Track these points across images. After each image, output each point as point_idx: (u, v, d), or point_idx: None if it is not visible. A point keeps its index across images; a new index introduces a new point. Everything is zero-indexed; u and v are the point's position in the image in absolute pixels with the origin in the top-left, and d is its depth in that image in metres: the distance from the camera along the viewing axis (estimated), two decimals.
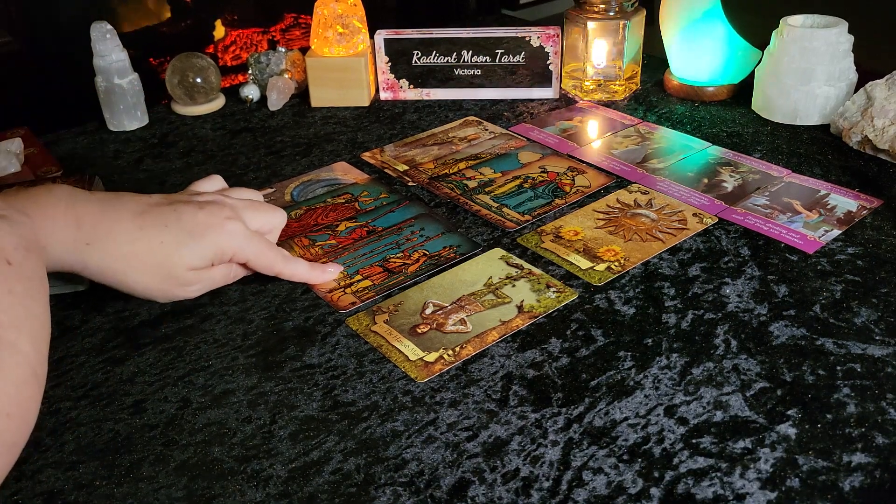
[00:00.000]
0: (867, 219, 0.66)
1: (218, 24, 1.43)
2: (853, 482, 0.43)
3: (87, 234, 0.52)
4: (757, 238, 0.64)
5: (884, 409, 0.47)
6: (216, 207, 0.56)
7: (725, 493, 0.42)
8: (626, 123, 0.86)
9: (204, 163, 0.82)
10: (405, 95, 0.96)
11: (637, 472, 0.44)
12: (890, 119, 0.75)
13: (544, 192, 0.73)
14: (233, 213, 0.57)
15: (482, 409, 0.48)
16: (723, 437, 0.46)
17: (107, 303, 0.60)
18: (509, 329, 0.55)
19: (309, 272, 0.60)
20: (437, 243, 0.65)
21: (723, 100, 0.91)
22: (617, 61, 0.91)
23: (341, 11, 0.91)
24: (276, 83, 0.94)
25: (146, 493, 0.44)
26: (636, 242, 0.64)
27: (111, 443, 0.47)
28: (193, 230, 0.54)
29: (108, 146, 0.87)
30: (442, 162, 0.79)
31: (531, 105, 0.93)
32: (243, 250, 0.57)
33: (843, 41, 0.81)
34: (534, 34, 0.91)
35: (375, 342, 0.54)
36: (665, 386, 0.50)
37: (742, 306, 0.56)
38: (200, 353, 0.54)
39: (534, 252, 0.64)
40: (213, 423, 0.48)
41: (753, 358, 0.52)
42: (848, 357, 0.51)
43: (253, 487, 0.44)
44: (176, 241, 0.54)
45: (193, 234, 0.54)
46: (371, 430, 0.47)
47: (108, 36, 0.86)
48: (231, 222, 0.56)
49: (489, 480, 0.44)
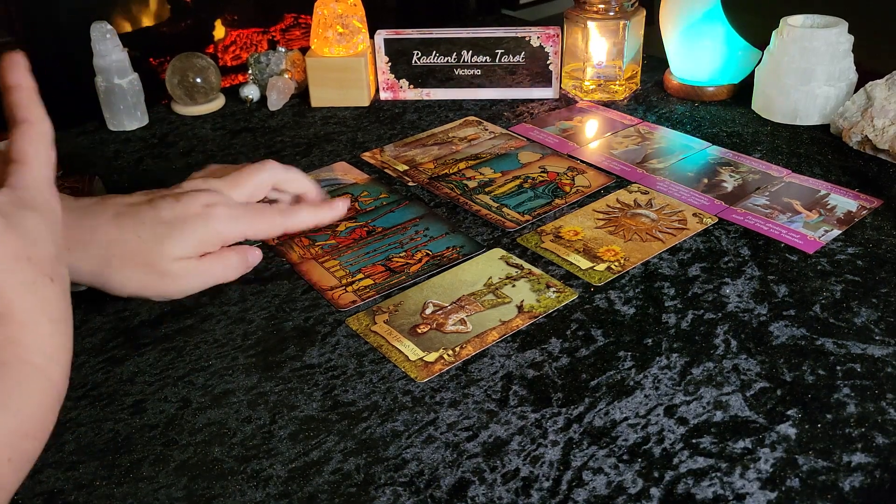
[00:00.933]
0: (867, 219, 0.66)
1: (218, 24, 1.43)
2: (853, 482, 0.43)
3: (68, 241, 0.51)
4: (757, 238, 0.64)
5: (884, 409, 0.47)
6: (193, 196, 0.55)
7: (725, 493, 0.42)
8: (626, 123, 0.86)
9: (204, 163, 0.82)
10: (405, 95, 0.96)
11: (637, 472, 0.44)
12: (890, 119, 0.75)
13: (544, 192, 0.73)
14: (212, 197, 0.55)
15: (482, 409, 0.48)
16: (723, 437, 0.46)
17: (107, 303, 0.60)
18: (509, 329, 0.55)
19: (315, 216, 0.59)
20: (441, 243, 0.65)
21: (723, 100, 0.91)
22: (617, 61, 0.91)
23: (341, 11, 0.91)
24: (276, 83, 0.94)
25: (146, 493, 0.44)
26: (636, 242, 0.64)
27: (111, 443, 0.47)
28: (172, 221, 0.53)
29: (108, 146, 0.87)
30: (442, 162, 0.79)
31: (531, 105, 0.93)
32: (232, 230, 0.55)
33: (843, 41, 0.81)
34: (534, 34, 0.91)
35: (375, 342, 0.54)
36: (665, 386, 0.50)
37: (742, 306, 0.56)
38: (200, 353, 0.54)
39: (534, 252, 0.64)
40: (213, 423, 0.48)
41: (753, 358, 0.52)
42: (848, 357, 0.51)
43: (253, 487, 0.44)
44: (154, 235, 0.52)
45: (173, 224, 0.53)
46: (371, 430, 0.47)
47: (108, 36, 0.86)
48: (212, 208, 0.54)
49: (489, 480, 0.44)
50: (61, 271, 0.38)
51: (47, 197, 0.39)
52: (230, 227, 0.55)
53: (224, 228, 0.55)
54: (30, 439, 0.35)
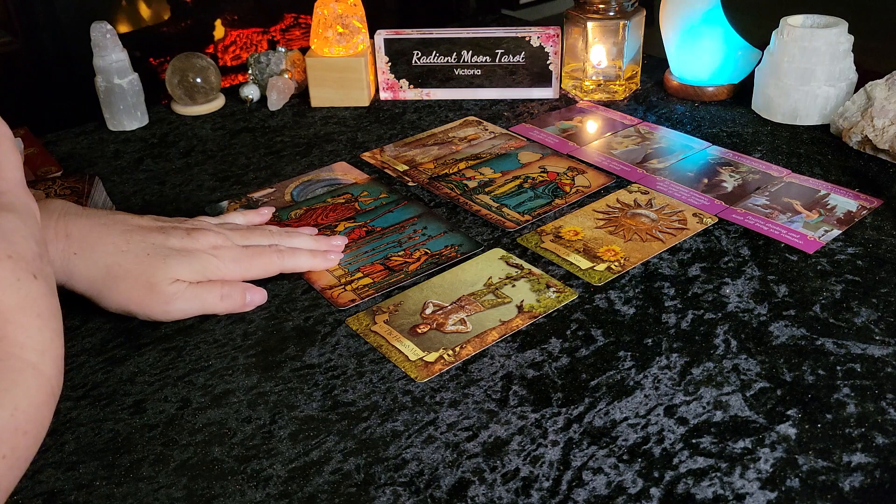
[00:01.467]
0: (867, 219, 0.66)
1: (218, 24, 1.43)
2: (853, 482, 0.43)
3: (76, 245, 0.53)
4: (757, 238, 0.64)
5: (884, 409, 0.47)
6: (204, 233, 0.58)
7: (725, 493, 0.42)
8: (626, 123, 0.86)
9: (204, 163, 0.82)
10: (405, 95, 0.96)
11: (637, 472, 0.44)
12: (890, 119, 0.75)
13: (544, 192, 0.73)
14: (220, 239, 0.58)
15: (482, 409, 0.48)
16: (723, 437, 0.46)
17: None
18: (509, 329, 0.55)
19: (313, 262, 0.61)
20: (439, 242, 0.65)
21: (723, 100, 0.91)
22: (617, 61, 0.91)
23: (341, 11, 0.91)
24: (276, 83, 0.94)
25: (146, 493, 0.44)
26: (636, 242, 0.64)
27: (111, 443, 0.47)
28: (180, 250, 0.56)
29: (108, 146, 0.87)
30: (442, 162, 0.79)
31: (531, 105, 0.93)
32: (233, 272, 0.57)
33: (843, 41, 0.81)
34: (534, 34, 0.91)
35: (375, 342, 0.54)
36: (665, 386, 0.50)
37: (742, 306, 0.56)
38: (200, 353, 0.54)
39: (534, 252, 0.64)
40: (213, 423, 0.48)
41: (753, 358, 0.52)
42: (848, 357, 0.51)
43: (253, 487, 0.44)
44: (162, 255, 0.55)
45: (180, 252, 0.56)
46: (371, 430, 0.47)
47: (108, 36, 0.86)
48: (219, 249, 0.57)
49: (489, 480, 0.44)
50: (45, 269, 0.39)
51: (24, 199, 0.40)
52: (232, 269, 0.57)
53: (227, 269, 0.57)
54: (24, 435, 0.35)
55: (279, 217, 0.70)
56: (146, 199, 0.76)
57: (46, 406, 0.37)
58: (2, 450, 0.34)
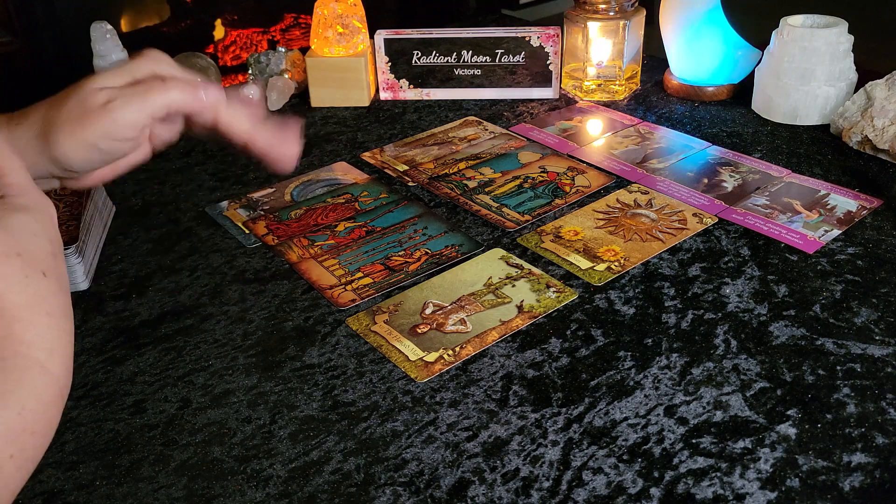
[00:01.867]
0: (867, 219, 0.66)
1: (218, 24, 1.43)
2: (853, 482, 0.43)
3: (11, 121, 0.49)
4: (757, 238, 0.64)
5: (884, 409, 0.47)
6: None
7: (725, 493, 0.42)
8: (626, 123, 0.86)
9: (204, 162, 0.82)
10: (405, 95, 0.96)
11: (637, 472, 0.44)
12: (890, 119, 0.75)
13: (544, 192, 0.73)
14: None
15: (482, 409, 0.48)
16: (723, 437, 0.46)
17: (107, 303, 0.60)
18: (509, 329, 0.55)
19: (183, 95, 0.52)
20: (440, 242, 0.65)
21: (723, 100, 0.91)
22: (617, 61, 0.91)
23: (341, 11, 0.91)
24: (276, 83, 0.94)
25: (146, 493, 0.44)
26: (636, 242, 0.64)
27: (111, 443, 0.47)
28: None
29: None
30: (442, 162, 0.79)
31: (531, 105, 0.93)
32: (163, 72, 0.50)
33: (843, 41, 0.81)
34: (534, 34, 0.91)
35: (375, 342, 0.54)
36: (665, 386, 0.50)
37: (742, 306, 0.56)
38: (200, 353, 0.54)
39: (534, 252, 0.64)
40: (213, 423, 0.48)
41: (753, 358, 0.52)
42: (848, 357, 0.51)
43: (253, 487, 0.44)
44: (87, 79, 0.49)
45: (105, 75, 0.49)
46: (371, 430, 0.47)
47: (108, 36, 0.86)
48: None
49: (489, 480, 0.44)
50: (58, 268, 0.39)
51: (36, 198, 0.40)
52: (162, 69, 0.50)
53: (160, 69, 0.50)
54: (33, 435, 0.35)
55: (279, 217, 0.70)
56: (146, 198, 0.76)
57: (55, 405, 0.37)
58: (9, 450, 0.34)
